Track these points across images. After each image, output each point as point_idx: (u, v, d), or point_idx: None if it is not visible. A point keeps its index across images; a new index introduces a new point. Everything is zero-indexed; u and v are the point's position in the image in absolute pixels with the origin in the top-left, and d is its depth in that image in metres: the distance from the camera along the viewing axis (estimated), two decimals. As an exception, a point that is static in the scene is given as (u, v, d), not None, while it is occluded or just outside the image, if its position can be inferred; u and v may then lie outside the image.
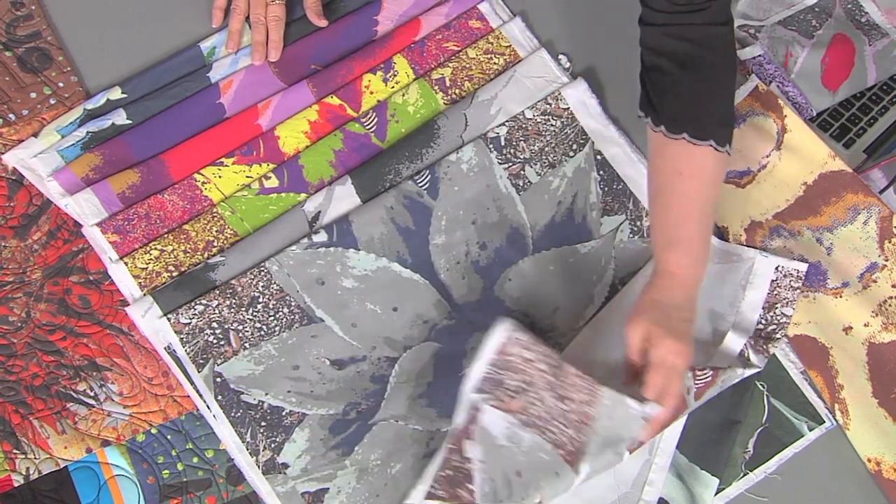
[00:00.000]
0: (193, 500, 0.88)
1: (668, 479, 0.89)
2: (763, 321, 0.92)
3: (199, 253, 0.95)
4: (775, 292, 0.92)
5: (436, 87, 1.01)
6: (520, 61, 1.03)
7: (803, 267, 0.93)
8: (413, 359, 0.92)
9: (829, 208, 0.97)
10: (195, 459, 0.89)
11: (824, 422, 0.92)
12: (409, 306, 0.93)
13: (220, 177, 0.97)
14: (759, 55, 1.02)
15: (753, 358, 0.91)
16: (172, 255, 0.94)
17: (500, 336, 0.79)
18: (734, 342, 0.91)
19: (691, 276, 0.83)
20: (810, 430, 0.91)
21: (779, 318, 0.92)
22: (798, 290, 0.93)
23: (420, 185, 0.96)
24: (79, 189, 0.95)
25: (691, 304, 0.83)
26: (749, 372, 0.88)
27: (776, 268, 0.93)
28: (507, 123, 1.00)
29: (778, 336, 0.92)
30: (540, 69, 1.02)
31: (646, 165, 0.96)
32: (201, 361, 0.90)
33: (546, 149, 0.99)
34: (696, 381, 0.84)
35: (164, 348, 0.91)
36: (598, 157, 0.99)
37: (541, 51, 1.03)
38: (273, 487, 0.87)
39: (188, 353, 0.90)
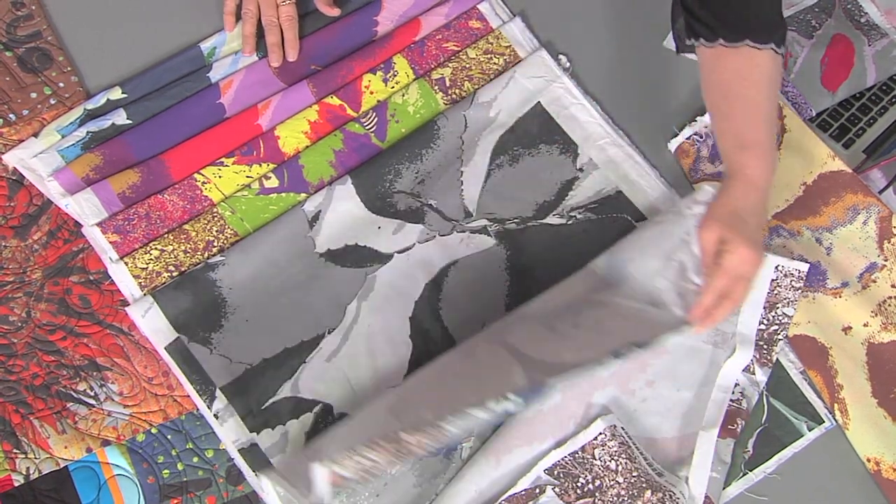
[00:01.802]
0: (193, 499, 0.88)
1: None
2: (765, 322, 0.92)
3: (199, 253, 0.95)
4: (776, 292, 0.92)
5: (436, 87, 1.01)
6: (520, 62, 1.03)
7: (804, 267, 0.93)
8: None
9: (828, 208, 0.97)
10: (195, 459, 0.89)
11: (824, 422, 0.92)
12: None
13: (220, 177, 0.97)
14: (759, 55, 1.01)
15: (759, 373, 0.91)
16: (172, 255, 0.94)
17: (592, 432, 0.84)
18: (742, 357, 0.91)
19: (764, 179, 0.84)
20: (810, 429, 0.91)
21: (780, 318, 0.92)
22: (799, 290, 0.93)
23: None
24: (79, 189, 0.95)
25: (764, 210, 0.85)
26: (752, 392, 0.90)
27: (776, 267, 0.92)
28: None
29: (780, 337, 0.92)
30: (540, 69, 1.02)
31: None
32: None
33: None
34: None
35: (164, 348, 0.91)
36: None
37: (541, 51, 1.03)
38: (273, 487, 0.88)
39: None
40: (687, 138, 1.00)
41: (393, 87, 1.02)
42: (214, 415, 0.90)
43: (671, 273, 0.88)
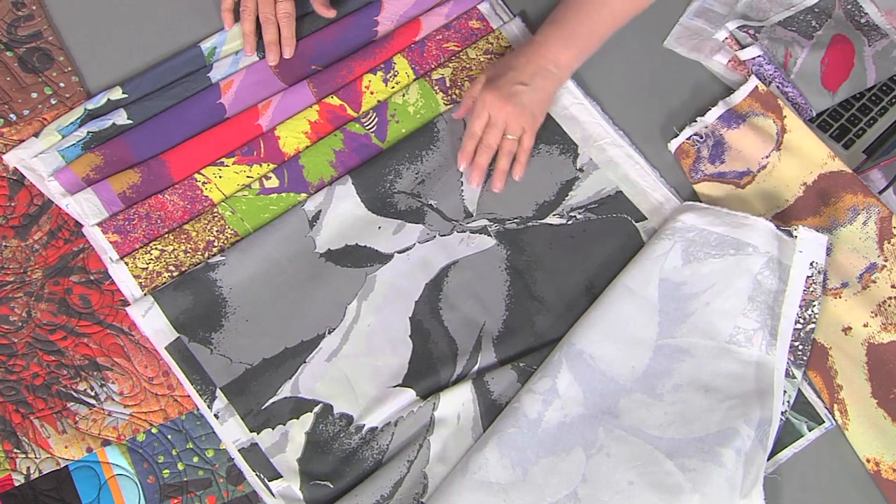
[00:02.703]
0: (194, 499, 0.88)
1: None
2: (801, 320, 0.92)
3: (199, 253, 0.95)
4: (811, 289, 0.92)
5: (436, 88, 1.01)
6: None
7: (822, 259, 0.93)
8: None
9: (828, 209, 0.97)
10: (195, 459, 0.89)
11: (824, 422, 0.91)
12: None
13: (220, 177, 0.97)
14: (759, 56, 1.02)
15: (797, 374, 0.91)
16: (173, 255, 0.94)
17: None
18: (781, 360, 0.91)
19: (546, 47, 0.94)
20: (809, 430, 0.91)
21: (814, 317, 0.92)
22: (822, 287, 0.93)
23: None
24: (79, 189, 0.95)
25: (534, 76, 0.93)
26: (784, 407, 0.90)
27: (811, 263, 0.92)
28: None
29: (812, 336, 0.92)
30: None
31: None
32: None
33: None
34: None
35: (164, 348, 0.91)
36: None
37: None
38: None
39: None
40: (687, 138, 1.00)
41: (393, 88, 1.02)
42: (215, 415, 0.90)
43: (757, 314, 0.91)
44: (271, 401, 0.91)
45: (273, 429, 0.90)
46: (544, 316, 0.94)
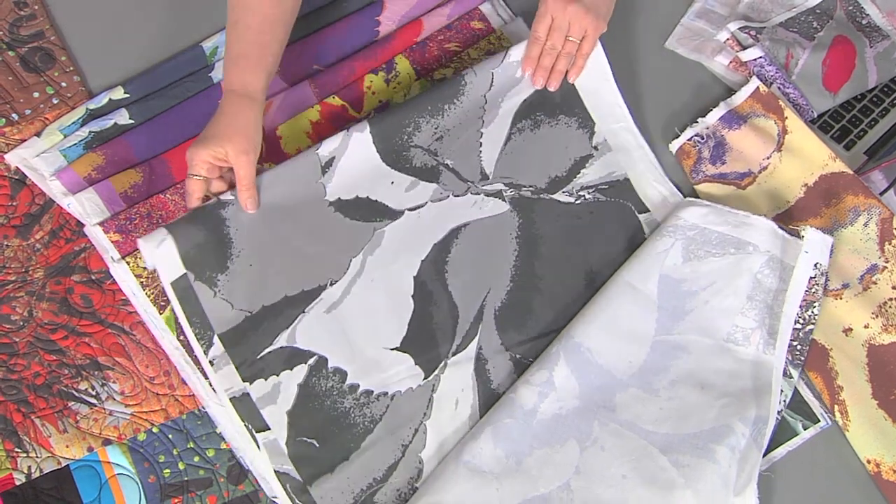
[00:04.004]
0: (194, 499, 0.88)
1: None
2: (801, 321, 0.92)
3: (200, 252, 0.95)
4: (813, 290, 0.92)
5: (437, 88, 1.02)
6: None
7: (826, 260, 0.93)
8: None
9: (829, 210, 0.97)
10: (196, 458, 0.89)
11: (819, 421, 0.91)
12: None
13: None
14: (760, 57, 1.02)
15: (794, 374, 0.91)
16: (174, 255, 0.94)
17: None
18: (779, 359, 0.91)
19: None
20: (805, 428, 0.91)
21: (813, 318, 0.92)
22: (823, 288, 0.93)
23: None
24: (81, 188, 0.95)
25: None
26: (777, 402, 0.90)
27: (815, 265, 0.92)
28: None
29: (811, 337, 0.92)
30: None
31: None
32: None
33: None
34: None
35: (170, 283, 0.88)
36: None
37: None
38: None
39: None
40: (688, 139, 1.00)
41: (395, 88, 1.02)
42: (210, 361, 0.88)
43: (755, 312, 0.92)
44: (266, 350, 0.89)
45: (266, 379, 0.88)
46: (542, 299, 0.94)
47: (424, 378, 0.90)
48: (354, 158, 0.94)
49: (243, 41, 0.88)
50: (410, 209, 0.95)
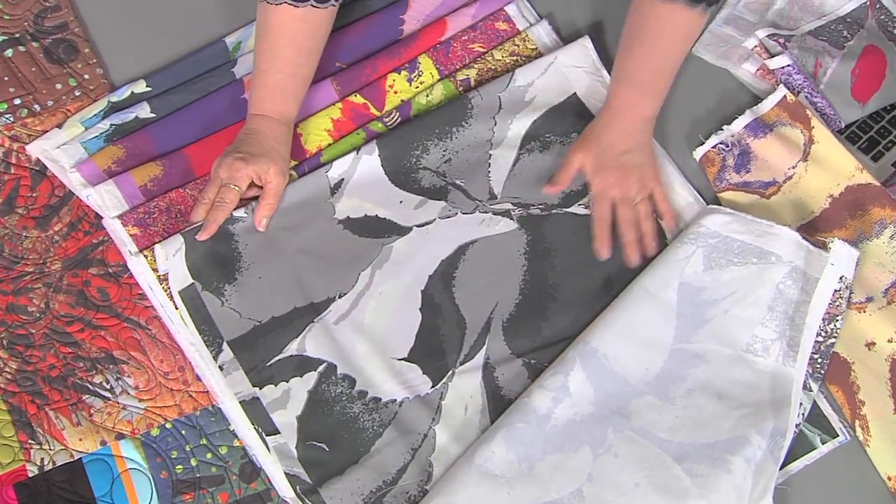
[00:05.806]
0: (206, 495, 0.88)
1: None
2: (823, 333, 0.91)
3: (218, 248, 0.95)
4: (837, 303, 0.91)
5: (460, 88, 1.01)
6: (561, 48, 1.02)
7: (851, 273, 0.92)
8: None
9: (854, 222, 0.96)
10: (209, 455, 0.89)
11: (838, 435, 0.90)
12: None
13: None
14: (788, 65, 1.01)
15: (814, 387, 0.90)
16: (192, 250, 0.94)
17: None
18: (800, 371, 0.89)
19: (626, 104, 0.94)
20: (823, 443, 0.90)
21: (835, 331, 0.91)
22: (847, 301, 0.92)
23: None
24: (101, 181, 0.95)
25: (632, 139, 0.93)
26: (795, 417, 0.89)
27: (840, 278, 0.91)
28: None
29: (832, 351, 0.91)
30: (581, 59, 1.01)
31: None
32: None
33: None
34: None
35: (178, 292, 0.91)
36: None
37: (585, 39, 1.02)
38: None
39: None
40: (713, 147, 0.99)
41: (417, 87, 1.01)
42: (220, 366, 0.89)
43: (776, 324, 0.90)
44: (276, 358, 0.90)
45: (276, 385, 0.89)
46: (557, 306, 0.94)
47: (433, 386, 0.90)
48: (363, 180, 0.96)
49: (281, 73, 0.91)
50: (419, 225, 0.96)
